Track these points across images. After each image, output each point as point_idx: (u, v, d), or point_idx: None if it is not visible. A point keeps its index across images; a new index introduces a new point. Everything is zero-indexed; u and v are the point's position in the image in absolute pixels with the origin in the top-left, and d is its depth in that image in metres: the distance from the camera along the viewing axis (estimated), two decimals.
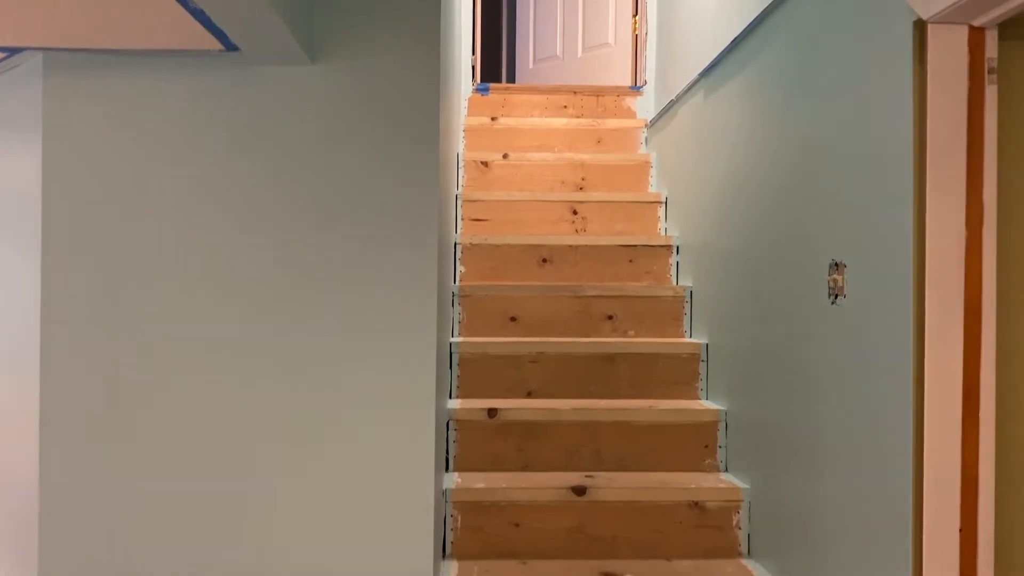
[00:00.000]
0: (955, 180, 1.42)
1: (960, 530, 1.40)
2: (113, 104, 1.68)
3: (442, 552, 2.27)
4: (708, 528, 2.31)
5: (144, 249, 1.67)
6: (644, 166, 3.55)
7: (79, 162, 1.66)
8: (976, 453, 1.42)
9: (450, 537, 2.30)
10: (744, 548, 2.30)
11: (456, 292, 2.92)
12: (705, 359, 2.74)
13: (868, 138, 1.64)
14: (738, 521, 2.30)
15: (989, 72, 1.43)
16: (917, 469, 1.44)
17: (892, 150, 1.54)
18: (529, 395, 2.74)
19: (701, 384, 2.75)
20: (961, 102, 1.43)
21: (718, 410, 2.53)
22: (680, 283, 3.08)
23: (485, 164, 3.51)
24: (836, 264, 1.77)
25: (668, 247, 3.13)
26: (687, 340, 2.86)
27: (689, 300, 2.94)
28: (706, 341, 2.75)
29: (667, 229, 3.31)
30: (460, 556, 2.29)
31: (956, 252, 1.43)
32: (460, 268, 3.09)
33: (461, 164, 3.50)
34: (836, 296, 1.77)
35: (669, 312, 2.95)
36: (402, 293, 1.67)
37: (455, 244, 3.07)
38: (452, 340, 2.76)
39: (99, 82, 1.67)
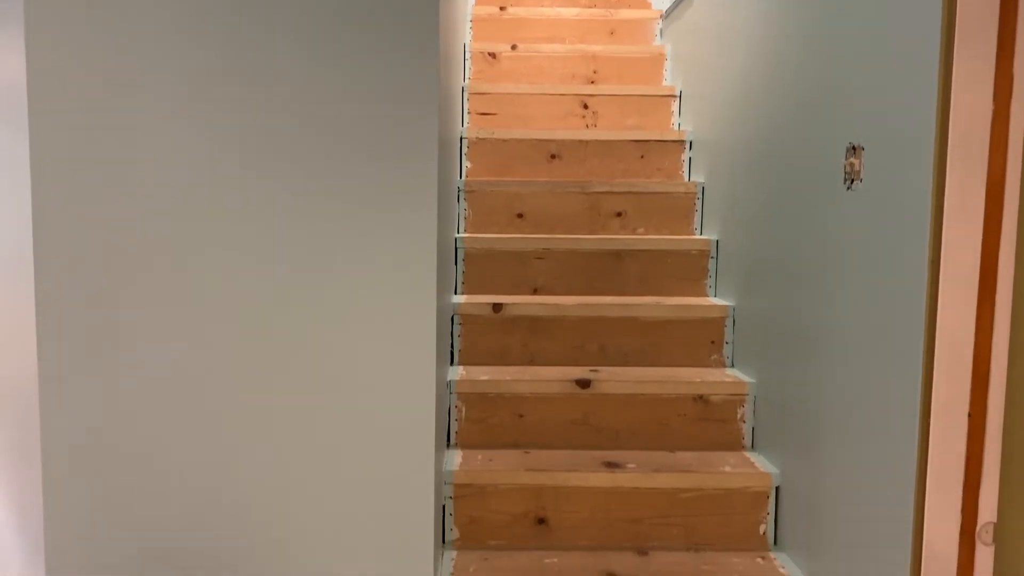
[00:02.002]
0: (984, 48, 1.34)
1: (969, 415, 1.37)
2: None
3: (447, 441, 2.28)
4: (712, 421, 2.30)
5: (135, 153, 1.61)
6: (658, 58, 3.42)
7: (64, 55, 1.59)
8: (990, 338, 1.38)
9: (455, 428, 2.30)
10: (748, 441, 2.30)
11: (461, 187, 2.86)
12: (715, 256, 2.69)
13: (892, 8, 1.54)
14: (742, 414, 2.30)
15: None
16: (928, 354, 1.40)
17: (918, 21, 1.44)
18: (535, 292, 2.71)
19: (710, 281, 2.71)
20: None
21: (726, 306, 2.50)
22: (692, 179, 3.00)
23: (493, 56, 3.39)
24: (853, 147, 1.70)
25: (681, 142, 3.04)
26: (697, 237, 2.80)
27: (700, 197, 2.87)
28: (716, 238, 2.69)
29: (680, 124, 3.21)
30: (464, 445, 2.30)
31: (981, 127, 1.35)
32: (466, 163, 3.02)
33: (468, 56, 3.38)
34: (852, 181, 1.71)
35: (680, 209, 2.88)
36: (400, 186, 1.61)
37: (461, 138, 2.99)
38: (457, 236, 2.72)
39: None
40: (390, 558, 1.67)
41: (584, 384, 2.30)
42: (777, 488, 2.09)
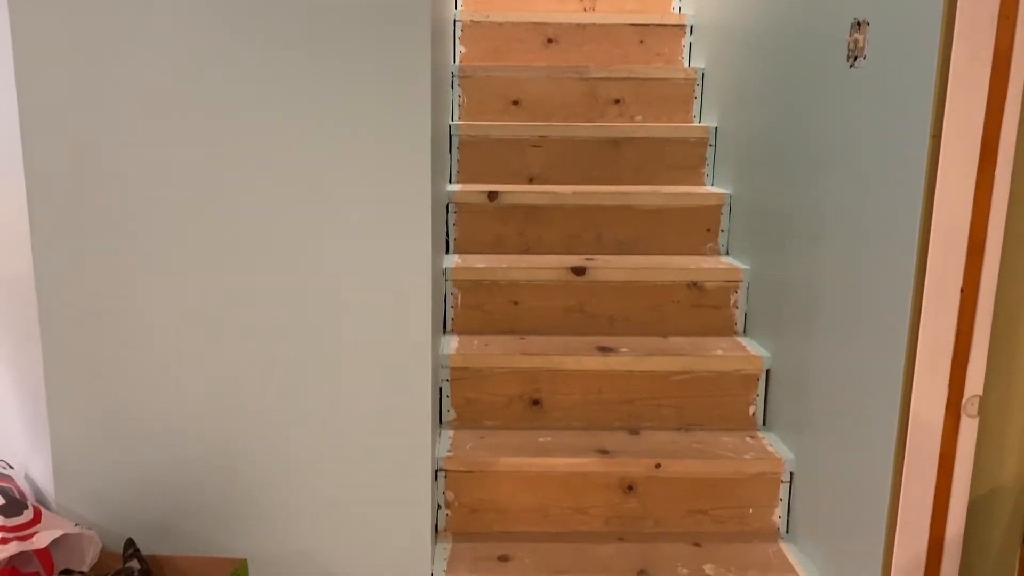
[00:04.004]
0: None
1: (961, 290, 1.38)
2: None
3: (443, 327, 2.31)
4: (705, 307, 2.32)
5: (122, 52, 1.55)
6: None
7: None
8: (986, 215, 1.37)
9: (450, 314, 2.32)
10: (740, 326, 2.33)
11: (455, 73, 2.79)
12: (713, 143, 2.65)
13: None
14: (736, 300, 2.31)
15: None
16: (924, 231, 1.39)
17: None
18: (531, 181, 2.69)
19: (707, 170, 2.68)
20: None
21: (722, 194, 2.48)
22: (692, 65, 2.93)
23: None
24: (858, 23, 1.65)
25: (681, 27, 2.95)
26: (695, 124, 2.76)
27: (700, 83, 2.81)
28: (715, 125, 2.65)
29: (681, 8, 3.11)
30: (461, 331, 2.33)
31: None
32: (460, 48, 2.94)
33: None
34: (855, 59, 1.66)
35: (679, 96, 2.82)
36: (393, 72, 1.56)
37: (454, 21, 2.90)
38: (451, 123, 2.67)
39: None
40: (390, 433, 1.71)
41: (579, 271, 2.31)
42: (767, 371, 2.13)
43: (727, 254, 2.49)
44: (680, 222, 2.49)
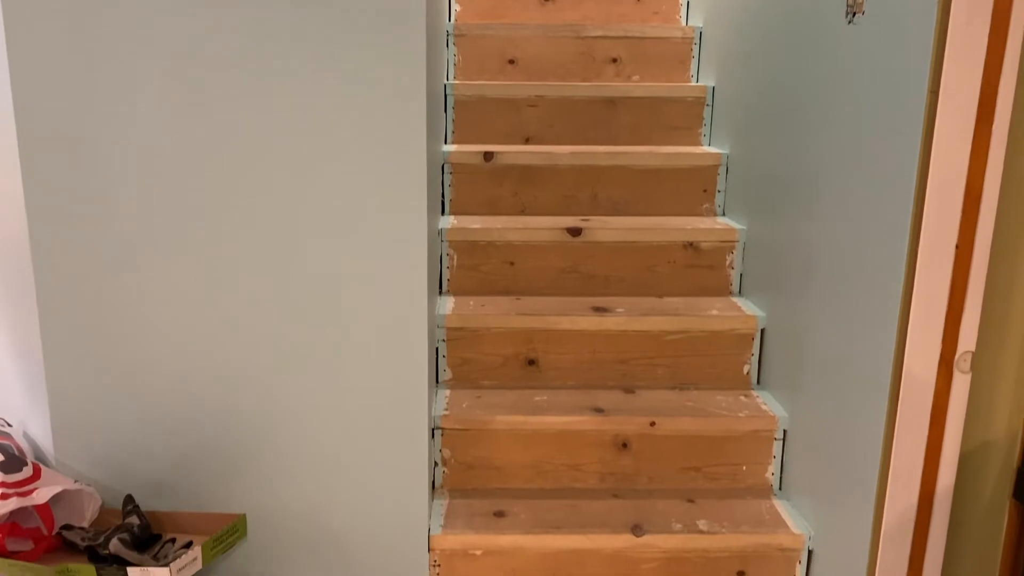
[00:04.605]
0: None
1: (956, 247, 1.38)
2: None
3: (439, 288, 2.31)
4: (701, 268, 2.33)
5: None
6: None
7: None
8: (983, 171, 1.37)
9: (446, 275, 2.32)
10: (735, 287, 2.33)
11: (450, 31, 2.76)
12: (710, 103, 2.64)
13: None
14: (731, 261, 2.32)
15: None
16: (920, 187, 1.39)
17: None
18: (527, 141, 2.67)
19: (704, 130, 2.67)
20: None
21: (719, 154, 2.47)
22: (689, 24, 2.90)
23: None
24: None
25: None
26: (692, 84, 2.74)
27: (698, 42, 2.78)
28: (712, 84, 2.63)
29: None
30: (457, 292, 2.33)
31: None
32: (455, 6, 2.90)
33: None
34: (853, 14, 1.65)
35: (676, 55, 2.80)
36: (386, 29, 1.54)
37: None
38: (447, 83, 2.65)
39: None
40: (386, 392, 1.72)
41: (575, 232, 2.31)
42: (762, 330, 2.14)
43: (723, 215, 2.49)
44: (676, 183, 2.48)
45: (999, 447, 1.47)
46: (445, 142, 2.64)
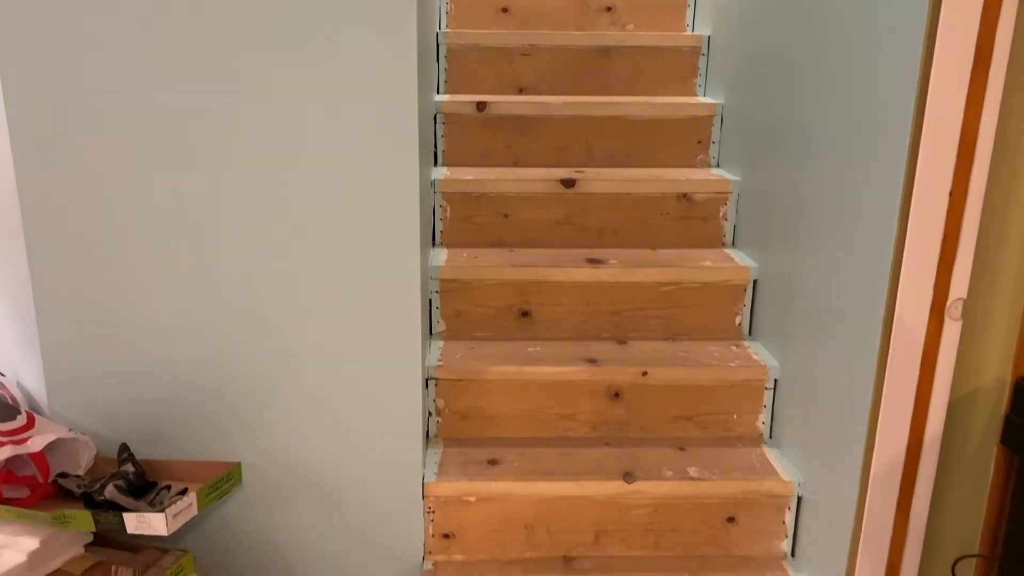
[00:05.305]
0: None
1: (950, 193, 1.38)
2: None
3: (432, 240, 2.30)
4: (694, 219, 2.32)
5: None
6: None
7: None
8: (979, 116, 1.36)
9: (439, 227, 2.31)
10: (729, 239, 2.33)
11: None
12: (705, 53, 2.61)
13: None
14: (725, 212, 2.31)
15: None
16: (915, 133, 1.38)
17: None
18: (520, 91, 2.64)
19: (699, 80, 2.64)
20: None
21: (714, 104, 2.45)
22: None
23: None
24: None
25: None
26: (688, 33, 2.70)
27: None
28: (708, 34, 2.60)
29: None
30: (450, 244, 2.32)
31: None
32: None
33: None
34: None
35: (671, 3, 2.76)
36: None
37: None
38: (439, 31, 2.60)
39: None
40: (381, 342, 1.72)
41: (569, 184, 2.29)
42: (755, 281, 2.14)
43: (718, 166, 2.47)
44: (671, 133, 2.46)
45: (988, 394, 1.48)
46: (437, 92, 2.61)
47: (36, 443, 1.54)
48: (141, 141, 1.59)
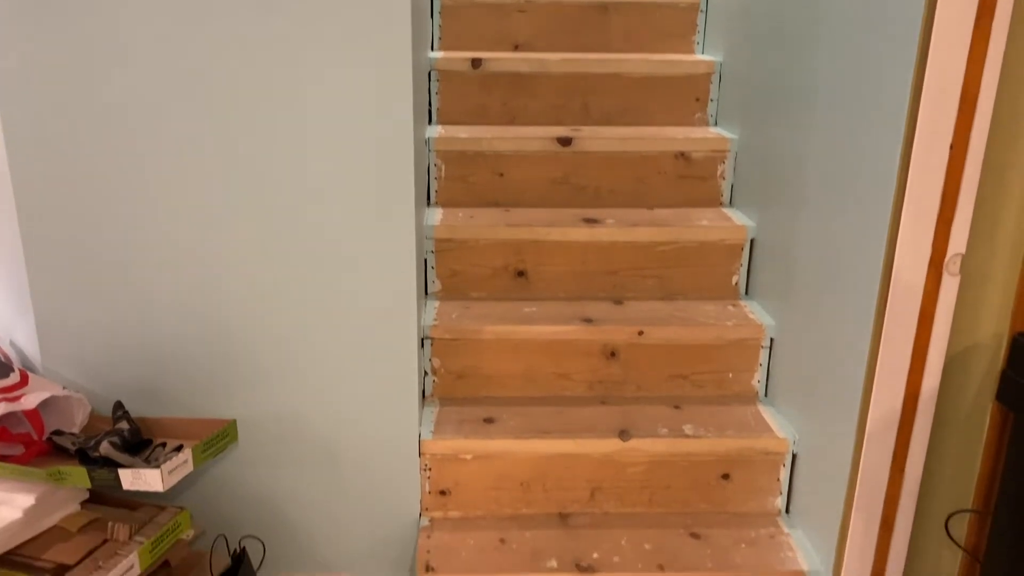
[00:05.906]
0: None
1: (951, 147, 1.36)
2: None
3: (427, 199, 2.28)
4: (692, 178, 2.30)
5: None
6: None
7: None
8: (981, 70, 1.34)
9: (434, 186, 2.29)
10: (726, 198, 2.31)
11: None
12: (704, 9, 2.57)
13: None
14: (722, 171, 2.29)
15: None
16: (916, 87, 1.36)
17: None
18: (516, 48, 2.60)
19: (698, 37, 2.60)
20: None
21: (712, 61, 2.41)
22: None
23: None
24: None
25: None
26: None
27: None
28: None
29: None
30: (445, 203, 2.30)
31: None
32: None
33: None
34: None
35: None
36: None
37: None
38: None
39: None
40: (375, 301, 1.71)
41: (566, 142, 2.27)
42: (752, 241, 2.13)
43: (715, 124, 2.45)
44: (669, 91, 2.43)
45: (985, 350, 1.48)
46: (432, 49, 2.57)
47: (30, 400, 1.53)
48: (132, 108, 1.56)
